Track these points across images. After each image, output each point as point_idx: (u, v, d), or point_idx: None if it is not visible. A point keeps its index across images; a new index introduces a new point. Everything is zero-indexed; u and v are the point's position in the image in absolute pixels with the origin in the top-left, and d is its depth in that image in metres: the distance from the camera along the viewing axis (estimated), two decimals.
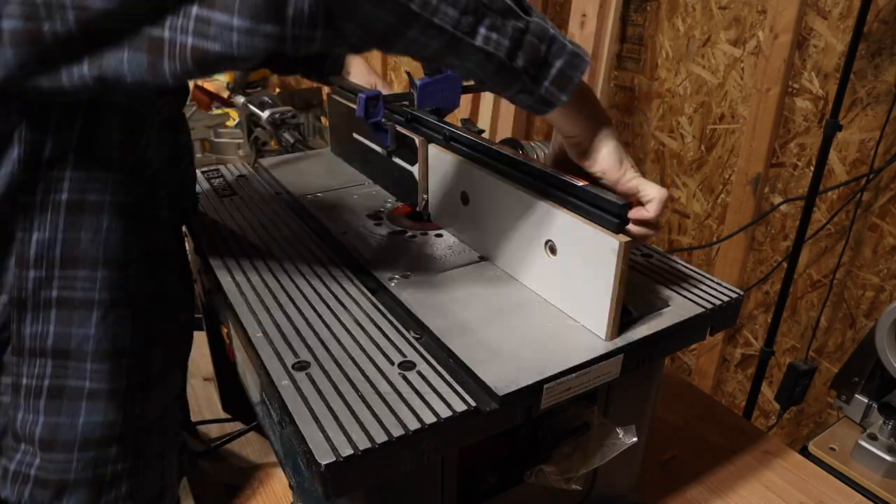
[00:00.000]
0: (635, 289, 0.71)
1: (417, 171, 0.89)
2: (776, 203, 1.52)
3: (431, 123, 0.85)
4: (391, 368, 0.57)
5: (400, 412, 0.51)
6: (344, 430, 0.49)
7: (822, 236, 1.45)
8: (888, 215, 1.33)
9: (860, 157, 1.35)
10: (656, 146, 1.79)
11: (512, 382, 0.55)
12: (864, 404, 1.11)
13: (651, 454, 0.95)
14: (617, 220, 0.58)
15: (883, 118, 1.28)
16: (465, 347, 0.60)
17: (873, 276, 1.38)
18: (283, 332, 0.62)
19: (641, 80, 1.78)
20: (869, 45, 1.28)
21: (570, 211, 0.63)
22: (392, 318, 0.65)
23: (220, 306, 0.89)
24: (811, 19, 1.37)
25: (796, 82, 1.43)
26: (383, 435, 0.48)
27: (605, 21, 1.70)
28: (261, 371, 0.58)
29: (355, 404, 0.52)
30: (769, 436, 1.04)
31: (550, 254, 0.67)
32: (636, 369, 0.64)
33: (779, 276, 1.53)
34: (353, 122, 1.04)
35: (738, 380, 1.75)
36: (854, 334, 1.45)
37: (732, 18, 1.51)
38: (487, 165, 0.75)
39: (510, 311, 0.67)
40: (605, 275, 0.60)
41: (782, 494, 0.91)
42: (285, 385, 0.54)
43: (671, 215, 1.80)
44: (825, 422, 1.53)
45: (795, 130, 1.45)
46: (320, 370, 0.56)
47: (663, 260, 0.78)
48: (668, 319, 0.66)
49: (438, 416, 0.51)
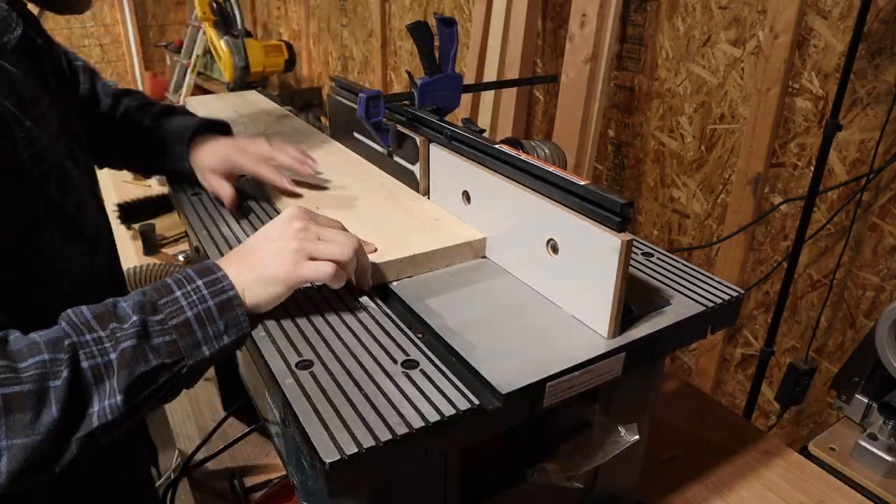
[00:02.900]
0: (636, 287, 0.71)
1: (418, 170, 0.89)
2: (776, 203, 1.52)
3: (433, 123, 0.85)
4: (394, 367, 0.57)
5: (404, 410, 0.51)
6: (348, 428, 0.49)
7: (822, 236, 1.45)
8: (888, 215, 1.33)
9: (860, 157, 1.35)
10: (656, 146, 1.79)
11: (515, 381, 0.55)
12: (864, 404, 1.11)
13: (651, 454, 0.95)
14: (619, 219, 0.59)
15: (883, 118, 1.28)
16: (468, 346, 0.60)
17: (873, 276, 1.38)
18: (285, 331, 0.62)
19: (641, 80, 1.78)
20: (869, 45, 1.29)
21: (572, 210, 0.63)
22: (394, 317, 0.65)
23: None
24: (811, 19, 1.37)
25: (796, 82, 1.43)
26: (387, 433, 0.49)
27: (605, 21, 1.70)
28: (264, 370, 0.58)
29: (359, 403, 0.52)
30: (769, 436, 1.04)
31: (552, 252, 0.67)
32: (638, 367, 0.64)
33: (779, 276, 1.53)
34: (353, 121, 1.04)
35: (738, 380, 1.75)
36: (854, 334, 1.45)
37: (732, 18, 1.52)
38: (489, 165, 0.75)
39: (512, 310, 0.67)
40: (607, 273, 0.60)
41: (782, 494, 0.92)
42: (289, 384, 0.54)
43: (671, 215, 1.80)
44: (825, 422, 1.53)
45: (795, 130, 1.46)
46: (324, 369, 0.56)
47: (663, 258, 0.79)
48: (670, 318, 0.66)
49: (442, 415, 0.51)
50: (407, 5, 2.75)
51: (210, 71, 3.85)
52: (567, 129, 1.81)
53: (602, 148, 1.96)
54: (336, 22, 3.39)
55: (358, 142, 1.04)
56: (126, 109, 1.00)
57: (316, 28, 3.65)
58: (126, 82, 5.94)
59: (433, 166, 0.86)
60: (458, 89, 0.93)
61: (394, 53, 2.94)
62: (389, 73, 3.01)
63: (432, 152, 0.85)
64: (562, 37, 1.94)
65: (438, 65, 0.90)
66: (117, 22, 5.69)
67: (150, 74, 5.57)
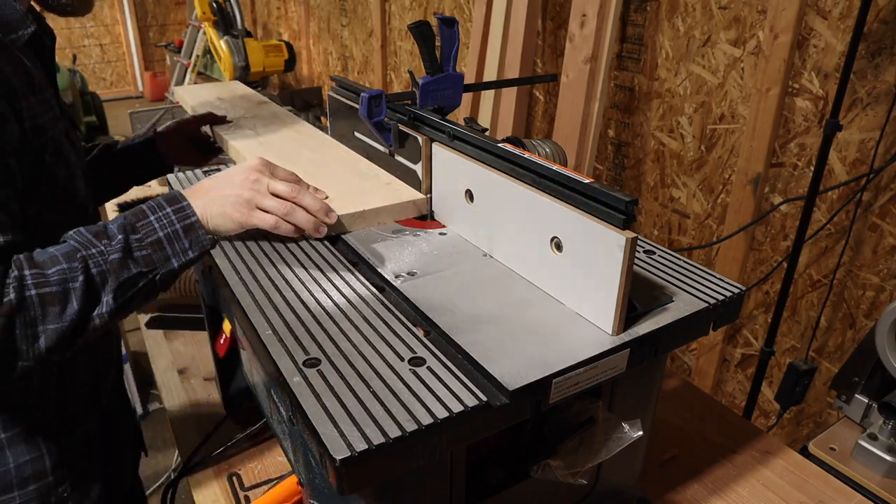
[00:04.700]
0: (639, 284, 0.71)
1: (420, 169, 0.89)
2: (776, 203, 1.52)
3: (435, 122, 0.85)
4: (401, 364, 0.57)
5: (412, 407, 0.51)
6: (357, 425, 0.49)
7: (822, 236, 1.46)
8: (888, 215, 1.34)
9: (860, 157, 1.36)
10: (656, 146, 1.80)
11: (521, 377, 0.55)
12: (864, 404, 1.12)
13: (651, 454, 0.95)
14: (623, 216, 0.59)
15: (883, 118, 1.29)
16: (474, 343, 0.60)
17: (873, 276, 1.39)
18: (292, 330, 0.62)
19: (641, 80, 1.79)
20: (869, 45, 1.29)
21: (576, 207, 0.63)
22: (400, 315, 0.65)
23: (225, 305, 0.89)
24: (811, 19, 1.38)
25: (796, 82, 1.43)
26: (396, 430, 0.49)
27: (605, 21, 1.71)
28: (271, 368, 0.58)
29: (367, 400, 0.52)
30: (769, 435, 1.04)
31: (556, 250, 0.67)
32: (641, 364, 0.64)
33: (779, 276, 1.53)
34: (353, 121, 1.04)
35: (738, 380, 1.76)
36: (854, 334, 1.46)
37: (732, 18, 1.52)
38: (492, 163, 0.75)
39: (516, 307, 0.67)
40: (612, 270, 0.60)
41: (782, 494, 0.92)
42: (297, 382, 0.54)
43: (671, 215, 1.81)
44: (825, 422, 1.54)
45: (795, 130, 1.46)
46: (331, 367, 0.56)
47: (665, 256, 0.79)
48: (673, 314, 0.67)
49: (450, 411, 0.51)
50: (407, 5, 2.75)
51: (210, 71, 3.85)
52: (567, 128, 1.82)
53: (602, 148, 1.96)
54: (336, 22, 3.39)
55: (359, 141, 1.04)
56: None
57: (316, 28, 3.65)
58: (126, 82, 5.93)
59: (435, 165, 0.87)
60: (460, 88, 0.94)
61: (394, 53, 2.95)
62: (389, 73, 3.01)
63: (435, 151, 0.86)
64: (562, 37, 1.95)
65: (440, 64, 0.91)
66: (117, 22, 5.69)
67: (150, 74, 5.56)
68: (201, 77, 3.81)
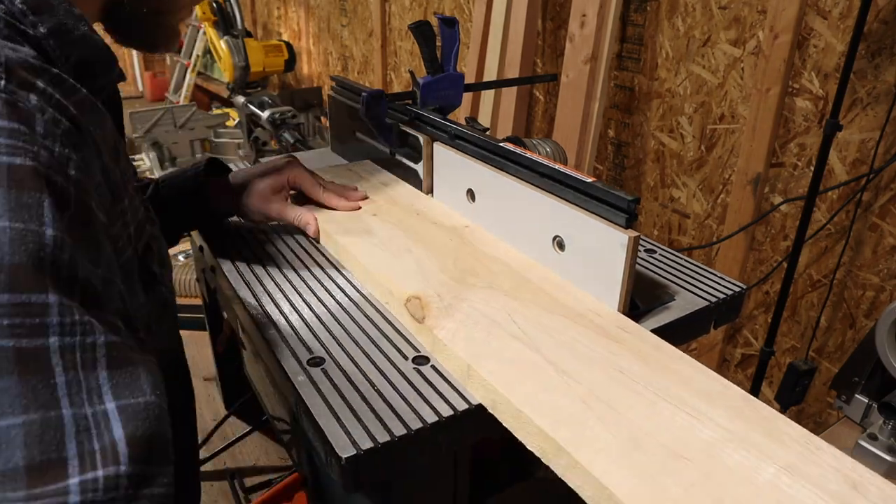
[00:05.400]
0: (641, 283, 0.71)
1: (422, 168, 0.89)
2: (776, 203, 1.53)
3: (436, 122, 0.85)
4: (405, 363, 0.57)
5: (417, 406, 0.51)
6: (363, 423, 0.49)
7: (822, 236, 1.46)
8: (888, 215, 1.34)
9: (860, 157, 1.36)
10: (656, 146, 1.80)
11: None
12: (864, 404, 1.12)
13: None
14: (626, 215, 0.59)
15: (883, 118, 1.29)
16: None
17: (873, 276, 1.39)
18: (295, 330, 0.62)
19: (641, 80, 1.79)
20: (869, 45, 1.29)
21: (578, 207, 0.64)
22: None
23: (227, 304, 0.89)
24: (811, 19, 1.38)
25: (796, 82, 1.44)
26: (402, 428, 0.49)
27: (605, 21, 1.71)
28: (275, 368, 0.58)
29: (372, 399, 0.52)
30: None
31: (558, 249, 0.67)
32: None
33: (779, 276, 1.54)
34: (353, 121, 1.04)
35: (738, 380, 1.76)
36: (854, 334, 1.46)
37: (732, 18, 1.52)
38: (494, 163, 0.75)
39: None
40: (615, 269, 0.60)
41: None
42: (301, 381, 0.54)
43: (671, 215, 1.81)
44: (825, 422, 1.54)
45: (795, 130, 1.46)
46: (335, 366, 0.56)
47: (666, 255, 0.79)
48: (675, 313, 0.67)
49: (455, 410, 0.51)
50: (407, 5, 2.75)
51: (210, 71, 3.85)
52: (567, 129, 1.82)
53: (602, 148, 1.96)
54: (336, 22, 3.39)
55: (360, 141, 1.04)
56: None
57: (316, 28, 3.65)
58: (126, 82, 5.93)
59: (437, 165, 0.87)
60: (460, 88, 0.94)
61: (394, 53, 2.95)
62: (389, 73, 3.01)
63: (436, 151, 0.86)
64: (562, 37, 1.95)
65: (440, 64, 0.91)
66: None
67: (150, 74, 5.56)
68: (201, 77, 3.80)
